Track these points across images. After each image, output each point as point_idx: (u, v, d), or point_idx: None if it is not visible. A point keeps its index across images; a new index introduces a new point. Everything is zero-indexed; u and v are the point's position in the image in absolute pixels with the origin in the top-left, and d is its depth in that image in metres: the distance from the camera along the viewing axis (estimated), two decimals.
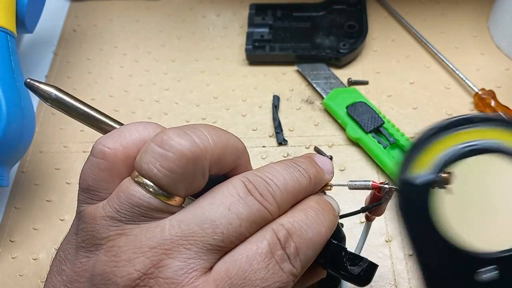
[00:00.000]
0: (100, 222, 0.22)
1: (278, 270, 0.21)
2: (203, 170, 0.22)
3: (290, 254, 0.22)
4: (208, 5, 0.58)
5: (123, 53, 0.54)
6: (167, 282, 0.20)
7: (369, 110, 0.44)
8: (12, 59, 0.40)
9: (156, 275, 0.20)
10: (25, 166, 0.46)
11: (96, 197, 0.23)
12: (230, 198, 0.22)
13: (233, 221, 0.21)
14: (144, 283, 0.20)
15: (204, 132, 0.22)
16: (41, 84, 0.24)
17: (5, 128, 0.37)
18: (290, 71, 0.51)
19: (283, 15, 0.54)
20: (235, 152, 0.24)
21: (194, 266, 0.20)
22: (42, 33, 0.56)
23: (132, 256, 0.20)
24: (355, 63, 0.51)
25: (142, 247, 0.20)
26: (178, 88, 0.51)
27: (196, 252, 0.20)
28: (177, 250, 0.20)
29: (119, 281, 0.20)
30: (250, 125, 0.47)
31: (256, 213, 0.22)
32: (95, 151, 0.23)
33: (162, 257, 0.20)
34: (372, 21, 0.54)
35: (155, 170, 0.21)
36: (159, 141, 0.22)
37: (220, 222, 0.21)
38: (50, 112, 0.50)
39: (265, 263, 0.21)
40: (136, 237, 0.21)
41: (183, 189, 0.22)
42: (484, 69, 0.49)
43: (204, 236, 0.21)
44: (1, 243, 0.42)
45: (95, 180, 0.23)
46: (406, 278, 0.38)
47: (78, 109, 0.25)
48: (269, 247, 0.21)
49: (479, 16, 0.54)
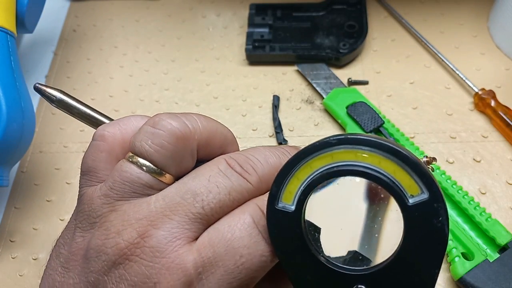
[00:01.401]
0: (96, 201, 0.23)
1: (261, 240, 0.22)
2: (191, 150, 0.24)
3: None
4: (208, 5, 0.58)
5: (123, 53, 0.54)
6: (152, 250, 0.21)
7: (369, 110, 0.44)
8: (12, 59, 0.40)
9: (142, 244, 0.21)
10: (25, 166, 0.46)
11: (95, 179, 0.24)
12: (210, 171, 0.23)
13: (212, 189, 0.22)
14: (131, 252, 0.21)
15: (194, 117, 0.24)
16: (48, 88, 0.27)
17: (5, 128, 0.37)
18: (290, 71, 0.51)
19: (283, 15, 0.54)
20: (223, 139, 0.25)
21: (177, 235, 0.21)
22: (42, 33, 0.56)
23: (121, 228, 0.21)
24: (355, 63, 0.51)
25: (130, 219, 0.22)
26: (178, 88, 0.51)
27: (179, 222, 0.21)
28: (162, 221, 0.21)
29: (109, 252, 0.21)
30: (250, 125, 0.47)
31: (236, 182, 0.23)
32: (96, 135, 0.25)
33: (147, 228, 0.21)
34: (372, 21, 0.54)
35: (146, 147, 0.23)
36: (152, 122, 0.23)
37: (200, 191, 0.22)
38: (50, 112, 0.50)
39: (248, 232, 0.22)
40: (125, 212, 0.22)
41: (173, 165, 0.23)
42: (484, 69, 0.49)
43: (185, 205, 0.22)
44: (1, 243, 0.42)
45: (94, 161, 0.24)
46: None
47: (80, 110, 0.28)
48: (252, 219, 0.22)
49: (479, 16, 0.54)
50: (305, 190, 0.21)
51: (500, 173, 0.42)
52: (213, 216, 0.22)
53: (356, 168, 0.20)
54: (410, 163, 0.20)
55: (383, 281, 0.20)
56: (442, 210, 0.20)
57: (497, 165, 0.43)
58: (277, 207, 0.21)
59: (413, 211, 0.20)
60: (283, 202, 0.21)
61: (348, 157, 0.21)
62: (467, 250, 0.37)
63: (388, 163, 0.20)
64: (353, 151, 0.21)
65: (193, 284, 0.21)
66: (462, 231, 0.38)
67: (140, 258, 0.21)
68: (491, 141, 0.44)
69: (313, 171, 0.21)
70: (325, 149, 0.21)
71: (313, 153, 0.21)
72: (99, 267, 0.21)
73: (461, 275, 0.35)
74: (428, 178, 0.20)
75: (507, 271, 0.35)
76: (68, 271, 0.23)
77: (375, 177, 0.20)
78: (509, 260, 0.36)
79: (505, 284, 0.35)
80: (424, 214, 0.20)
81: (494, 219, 0.37)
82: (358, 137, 0.21)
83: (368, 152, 0.20)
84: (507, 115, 0.44)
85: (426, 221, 0.20)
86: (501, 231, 0.36)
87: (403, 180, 0.20)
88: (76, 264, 0.23)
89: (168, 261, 0.21)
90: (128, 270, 0.21)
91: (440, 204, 0.20)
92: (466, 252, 0.37)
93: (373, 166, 0.20)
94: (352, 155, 0.21)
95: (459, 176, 0.43)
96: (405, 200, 0.20)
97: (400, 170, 0.20)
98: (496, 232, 0.36)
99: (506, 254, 0.36)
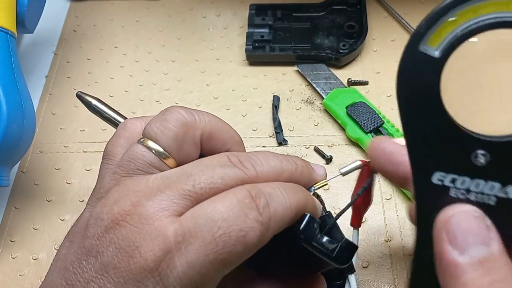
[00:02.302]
0: (105, 179, 0.25)
1: (243, 215, 0.22)
2: (194, 137, 0.26)
3: (259, 204, 0.22)
4: (208, 5, 0.58)
5: (123, 53, 0.54)
6: (139, 217, 0.22)
7: (369, 110, 0.44)
8: (13, 59, 0.40)
9: (132, 212, 0.22)
10: (25, 166, 0.46)
11: (112, 162, 0.27)
12: (210, 161, 0.24)
13: (207, 173, 0.23)
14: (123, 218, 0.22)
15: (203, 112, 0.27)
16: (87, 95, 0.31)
17: (6, 128, 0.37)
18: (290, 71, 0.51)
19: (283, 15, 0.54)
20: (229, 138, 0.27)
21: (165, 206, 0.22)
22: (42, 33, 0.56)
23: (118, 199, 0.23)
24: (355, 63, 0.51)
25: (127, 191, 0.23)
26: (178, 88, 0.51)
27: (169, 196, 0.23)
28: (154, 195, 0.23)
29: (104, 217, 0.23)
30: (250, 125, 0.47)
31: (231, 170, 0.24)
32: (120, 125, 0.28)
33: (140, 199, 0.23)
34: (372, 21, 0.54)
35: (154, 129, 0.25)
36: (164, 111, 0.26)
37: (195, 173, 0.23)
38: (50, 112, 0.50)
39: (230, 207, 0.22)
40: (125, 185, 0.24)
41: (174, 147, 0.25)
42: None
43: (178, 183, 0.23)
44: (1, 243, 0.42)
45: (113, 146, 0.27)
46: (405, 278, 0.38)
47: (110, 115, 0.32)
48: (236, 197, 0.22)
49: None
50: (461, 37, 0.18)
51: None
52: (203, 195, 0.23)
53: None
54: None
55: (506, 155, 0.19)
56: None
57: None
58: (420, 48, 0.19)
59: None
60: (428, 45, 0.19)
61: None
62: None
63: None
64: None
65: (172, 252, 0.21)
66: None
67: (128, 223, 0.22)
68: None
69: (478, 16, 0.18)
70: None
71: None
72: (94, 232, 0.23)
73: None
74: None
75: None
76: (72, 243, 0.24)
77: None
78: None
79: None
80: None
81: None
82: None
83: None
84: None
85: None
86: None
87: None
88: (79, 235, 0.24)
89: (152, 228, 0.22)
90: (117, 235, 0.22)
91: None
92: None
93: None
94: None
95: None
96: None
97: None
98: None
99: None
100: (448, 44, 0.19)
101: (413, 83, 0.20)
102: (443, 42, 0.19)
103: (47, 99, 0.51)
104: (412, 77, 0.19)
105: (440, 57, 0.19)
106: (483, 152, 0.19)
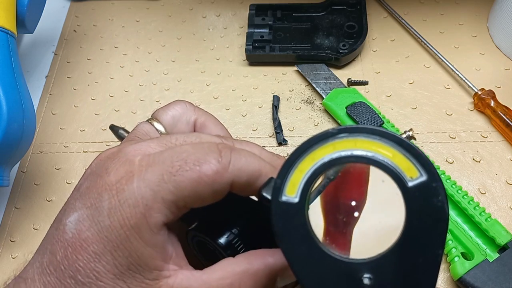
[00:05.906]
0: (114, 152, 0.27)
1: (205, 153, 0.24)
2: (187, 119, 0.30)
3: (222, 150, 0.24)
4: (208, 6, 0.58)
5: (123, 53, 0.54)
6: (118, 153, 0.25)
7: (369, 110, 0.44)
8: (13, 59, 0.40)
9: (119, 153, 0.25)
10: (26, 166, 0.46)
11: None
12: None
13: (190, 138, 0.26)
14: (113, 156, 0.25)
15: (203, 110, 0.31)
16: (120, 129, 0.33)
17: (6, 128, 0.37)
18: (290, 71, 0.51)
19: (283, 15, 0.54)
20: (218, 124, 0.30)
21: (142, 147, 0.25)
22: (42, 33, 0.56)
23: (115, 150, 0.26)
24: (355, 63, 0.51)
25: (121, 145, 0.26)
26: (178, 88, 0.51)
27: (148, 142, 0.25)
28: (137, 142, 0.26)
29: (100, 157, 0.26)
30: (250, 125, 0.48)
31: (209, 136, 0.27)
32: None
33: (125, 144, 0.26)
34: (372, 21, 0.54)
35: (160, 111, 0.30)
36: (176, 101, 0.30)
37: (179, 135, 0.26)
38: (50, 112, 0.50)
39: (194, 143, 0.25)
40: (123, 144, 0.26)
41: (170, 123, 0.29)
42: (484, 69, 0.50)
43: (162, 138, 0.26)
44: (1, 243, 0.42)
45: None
46: None
47: None
48: (204, 145, 0.25)
49: (478, 16, 0.54)
50: (308, 180, 0.22)
51: (499, 173, 0.43)
52: (177, 146, 0.26)
53: (356, 153, 0.21)
54: (406, 146, 0.21)
55: (389, 266, 0.21)
56: (440, 189, 0.20)
57: (496, 165, 0.43)
58: (281, 199, 0.22)
59: (414, 193, 0.21)
60: (287, 195, 0.22)
61: (348, 145, 0.21)
62: (466, 250, 0.37)
63: (386, 148, 0.21)
64: (353, 140, 0.21)
65: (133, 172, 0.24)
66: (462, 231, 0.38)
67: (108, 158, 0.25)
68: (491, 141, 0.44)
69: (315, 162, 0.22)
70: (326, 139, 0.22)
71: (314, 144, 0.22)
72: (85, 177, 0.26)
73: (461, 275, 0.35)
74: (424, 160, 0.21)
75: (506, 271, 0.35)
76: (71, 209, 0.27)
77: (374, 161, 0.21)
78: (508, 260, 0.36)
79: (505, 284, 0.35)
80: (424, 194, 0.21)
81: (493, 219, 0.37)
82: (357, 126, 0.22)
83: (366, 139, 0.21)
84: (507, 115, 0.44)
85: (427, 201, 0.20)
86: (500, 231, 0.36)
87: (402, 164, 0.21)
88: (77, 198, 0.26)
89: (122, 156, 0.25)
90: (96, 166, 0.26)
91: (438, 183, 0.21)
92: (465, 252, 0.37)
93: (372, 152, 0.21)
94: (352, 144, 0.21)
95: (458, 176, 0.43)
96: (405, 183, 0.21)
97: (397, 155, 0.21)
98: (496, 232, 0.36)
99: (506, 254, 0.36)
100: (303, 188, 0.22)
101: (287, 230, 0.22)
102: (298, 188, 0.22)
103: (47, 99, 0.51)
104: (285, 225, 0.22)
105: (299, 201, 0.22)
106: (368, 276, 0.21)
